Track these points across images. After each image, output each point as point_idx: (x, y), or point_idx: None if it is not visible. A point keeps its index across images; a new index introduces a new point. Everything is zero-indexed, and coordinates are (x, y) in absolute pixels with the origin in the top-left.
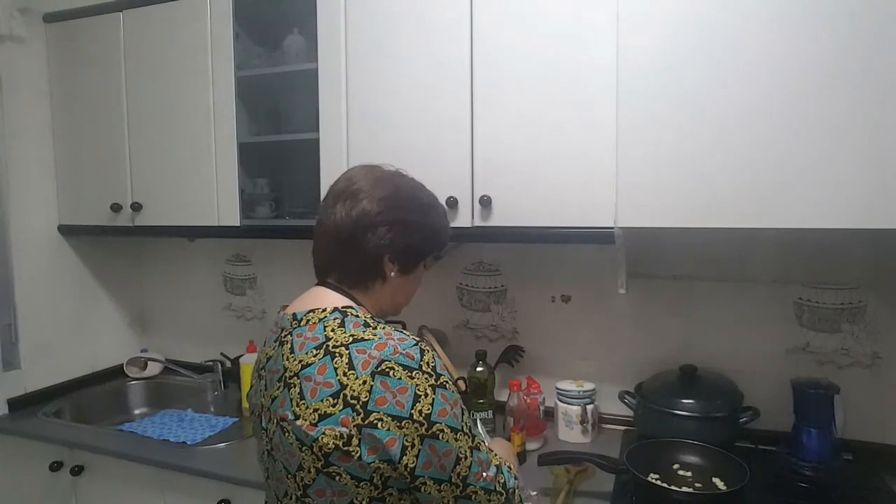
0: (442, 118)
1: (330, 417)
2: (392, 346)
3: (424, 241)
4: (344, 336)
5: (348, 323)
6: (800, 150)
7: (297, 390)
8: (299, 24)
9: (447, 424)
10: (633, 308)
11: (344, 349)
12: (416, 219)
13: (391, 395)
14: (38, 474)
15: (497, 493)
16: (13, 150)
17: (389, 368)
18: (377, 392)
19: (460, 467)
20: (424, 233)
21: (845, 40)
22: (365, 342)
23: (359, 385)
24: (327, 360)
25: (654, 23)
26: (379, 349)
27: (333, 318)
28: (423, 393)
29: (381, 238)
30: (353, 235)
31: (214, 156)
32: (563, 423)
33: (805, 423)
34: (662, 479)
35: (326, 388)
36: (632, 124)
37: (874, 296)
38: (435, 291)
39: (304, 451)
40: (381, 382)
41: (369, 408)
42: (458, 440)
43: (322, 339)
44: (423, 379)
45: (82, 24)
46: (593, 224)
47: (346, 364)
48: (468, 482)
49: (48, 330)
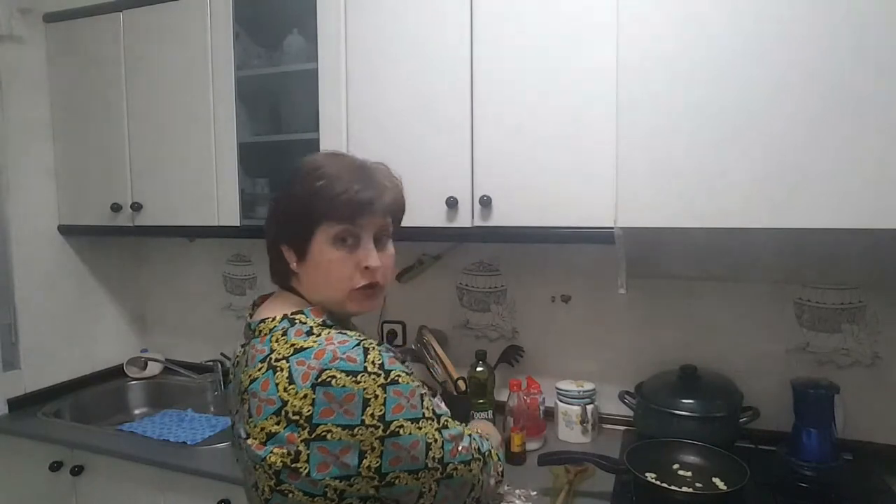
0: (442, 118)
1: (276, 436)
2: (331, 352)
3: (294, 211)
4: (285, 348)
5: (291, 332)
6: (800, 150)
7: (247, 407)
8: (299, 24)
9: (406, 418)
10: (633, 308)
11: (284, 362)
12: (282, 194)
13: (337, 405)
14: (38, 474)
15: (475, 459)
16: (13, 150)
17: (331, 377)
18: (321, 404)
19: (433, 451)
20: (293, 205)
21: (847, 42)
22: (305, 352)
23: (299, 400)
24: (269, 374)
25: (654, 23)
26: (318, 358)
27: (281, 328)
28: (372, 396)
29: (269, 227)
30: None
31: (214, 156)
32: (563, 423)
33: (805, 423)
34: (662, 479)
35: (269, 405)
36: (632, 124)
37: (874, 296)
38: (435, 291)
39: (258, 469)
40: (325, 394)
41: (315, 421)
42: (422, 428)
43: (267, 352)
44: (371, 380)
45: (82, 24)
46: (593, 224)
47: (287, 378)
48: (446, 461)
49: (48, 330)
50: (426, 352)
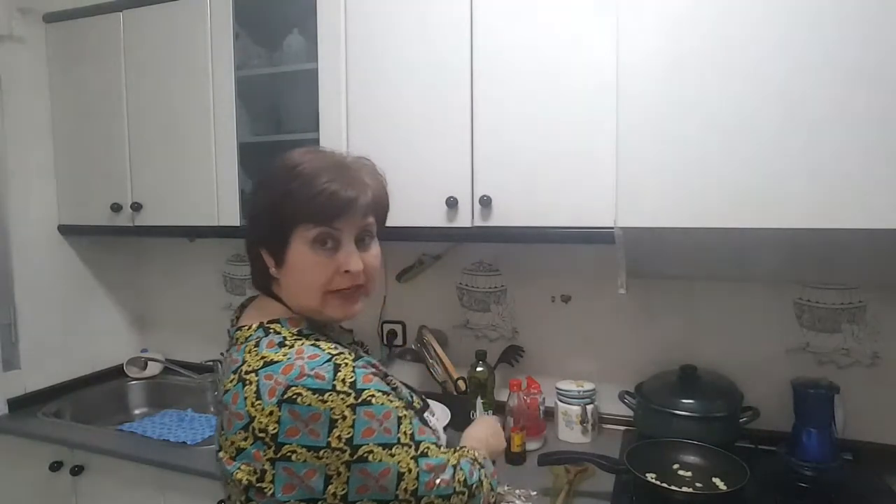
0: (442, 118)
1: (244, 452)
2: (299, 367)
3: (268, 214)
4: (255, 360)
5: (263, 343)
6: (800, 150)
7: (221, 419)
8: (299, 24)
9: (377, 443)
10: (633, 308)
11: (254, 375)
12: (258, 193)
13: (302, 424)
14: (38, 474)
15: (458, 493)
16: (13, 149)
17: (297, 395)
18: (286, 423)
19: (405, 482)
20: (268, 206)
21: (847, 41)
22: (273, 366)
23: (265, 417)
24: (239, 387)
25: (655, 23)
26: (285, 373)
27: (255, 338)
28: (339, 416)
29: (248, 231)
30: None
31: (214, 156)
32: (563, 423)
33: (805, 423)
34: (662, 480)
35: (238, 420)
36: (632, 124)
37: (874, 296)
38: (435, 291)
39: (229, 483)
40: (290, 411)
41: (280, 440)
42: (395, 455)
43: (239, 363)
44: (339, 400)
45: (82, 24)
46: (593, 224)
47: (254, 393)
48: (420, 494)
49: (48, 330)
50: (426, 352)
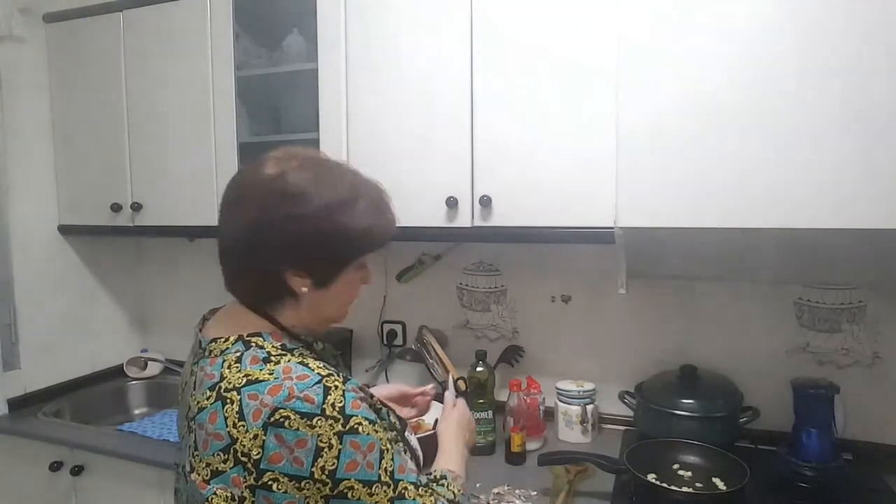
0: (442, 118)
1: (221, 475)
2: (287, 389)
3: (339, 247)
4: (238, 377)
5: (246, 358)
6: (800, 150)
7: (194, 437)
8: (299, 24)
9: (358, 479)
10: (633, 308)
11: (235, 394)
12: (321, 224)
13: (287, 450)
14: (38, 474)
15: None
16: (13, 149)
17: (284, 418)
18: (271, 448)
19: None
20: (336, 237)
21: (847, 42)
22: (258, 385)
23: (249, 440)
24: (218, 406)
25: (655, 23)
26: (272, 394)
27: (235, 351)
28: (326, 444)
29: (277, 251)
30: (248, 247)
31: (214, 156)
32: (563, 423)
33: (805, 423)
34: (662, 479)
35: (217, 440)
36: (632, 125)
37: (874, 296)
38: (435, 291)
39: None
40: (276, 436)
41: (262, 467)
42: (373, 494)
43: (216, 379)
44: (327, 426)
45: (82, 24)
46: (593, 224)
47: (237, 413)
48: None
49: (48, 330)
50: (426, 352)
